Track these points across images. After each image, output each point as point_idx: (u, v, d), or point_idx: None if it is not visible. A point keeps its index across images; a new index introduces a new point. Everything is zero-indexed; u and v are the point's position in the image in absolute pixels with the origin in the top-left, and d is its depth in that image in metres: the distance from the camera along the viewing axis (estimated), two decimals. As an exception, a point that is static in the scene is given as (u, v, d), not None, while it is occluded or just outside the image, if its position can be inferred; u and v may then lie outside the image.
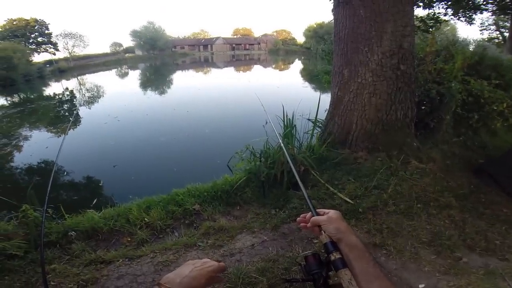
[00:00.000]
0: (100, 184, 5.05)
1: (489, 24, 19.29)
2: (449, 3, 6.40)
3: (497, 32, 19.14)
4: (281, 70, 33.73)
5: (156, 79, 26.04)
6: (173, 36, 62.41)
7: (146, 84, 22.72)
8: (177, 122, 9.46)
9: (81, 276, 2.05)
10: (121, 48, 56.17)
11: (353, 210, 2.68)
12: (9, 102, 18.64)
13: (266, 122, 2.49)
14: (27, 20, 39.26)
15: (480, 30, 19.59)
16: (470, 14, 7.23)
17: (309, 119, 4.31)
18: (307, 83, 18.69)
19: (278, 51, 58.31)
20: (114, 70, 36.73)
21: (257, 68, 35.13)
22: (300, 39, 64.13)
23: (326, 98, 4.31)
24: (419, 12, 6.49)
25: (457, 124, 4.05)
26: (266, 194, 3.08)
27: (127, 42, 55.65)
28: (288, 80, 22.32)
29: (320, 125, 4.25)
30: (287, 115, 3.59)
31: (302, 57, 45.52)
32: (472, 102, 3.95)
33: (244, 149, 3.51)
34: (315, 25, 53.90)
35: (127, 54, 52.87)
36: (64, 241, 2.46)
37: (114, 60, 46.24)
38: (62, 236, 2.49)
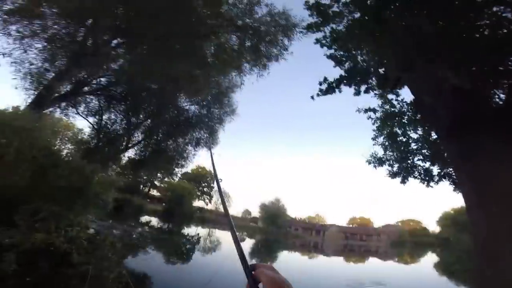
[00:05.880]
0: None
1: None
2: None
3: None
4: (407, 263, 27.99)
5: (264, 251, 27.50)
6: (291, 216, 66.89)
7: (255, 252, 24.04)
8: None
9: None
10: (250, 217, 62.46)
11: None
12: (158, 226, 24.20)
13: None
14: (207, 170, 45.73)
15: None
16: None
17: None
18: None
19: (404, 244, 48.15)
20: (237, 234, 41.57)
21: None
22: (433, 228, 54.47)
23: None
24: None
25: None
26: None
27: (255, 212, 61.27)
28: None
29: None
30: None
31: (438, 249, 36.84)
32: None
33: None
34: (452, 212, 44.97)
35: (251, 223, 59.07)
36: None
37: (241, 226, 52.29)
38: None
